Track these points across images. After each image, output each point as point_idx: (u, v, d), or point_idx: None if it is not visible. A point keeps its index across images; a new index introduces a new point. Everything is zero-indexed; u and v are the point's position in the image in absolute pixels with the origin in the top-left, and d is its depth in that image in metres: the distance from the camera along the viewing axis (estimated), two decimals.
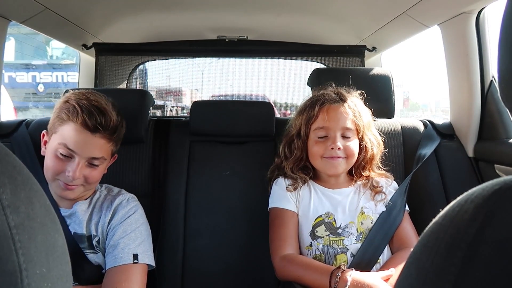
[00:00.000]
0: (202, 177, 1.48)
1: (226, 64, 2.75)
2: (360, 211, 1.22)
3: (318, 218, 1.21)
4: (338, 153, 1.19)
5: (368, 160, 1.27)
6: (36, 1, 1.32)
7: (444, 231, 0.34)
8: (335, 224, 1.20)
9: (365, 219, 1.21)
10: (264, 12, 1.74)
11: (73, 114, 1.04)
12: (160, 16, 1.79)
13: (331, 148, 1.19)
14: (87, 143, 1.04)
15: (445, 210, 0.36)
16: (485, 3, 1.34)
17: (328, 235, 1.18)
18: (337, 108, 1.23)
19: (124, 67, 2.28)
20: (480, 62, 1.45)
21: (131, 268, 1.04)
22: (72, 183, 1.05)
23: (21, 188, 0.36)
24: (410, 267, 0.37)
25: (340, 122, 1.21)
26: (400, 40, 1.87)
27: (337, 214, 1.21)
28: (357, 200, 1.24)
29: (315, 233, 1.19)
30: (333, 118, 1.21)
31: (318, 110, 1.23)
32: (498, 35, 0.44)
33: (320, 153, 1.22)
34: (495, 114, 1.44)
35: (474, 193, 0.34)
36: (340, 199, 1.24)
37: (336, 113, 1.22)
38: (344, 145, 1.20)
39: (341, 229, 1.19)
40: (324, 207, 1.22)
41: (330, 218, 1.20)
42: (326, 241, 1.17)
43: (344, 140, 1.21)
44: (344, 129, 1.21)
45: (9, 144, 1.35)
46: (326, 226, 1.19)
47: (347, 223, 1.19)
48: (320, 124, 1.22)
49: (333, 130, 1.21)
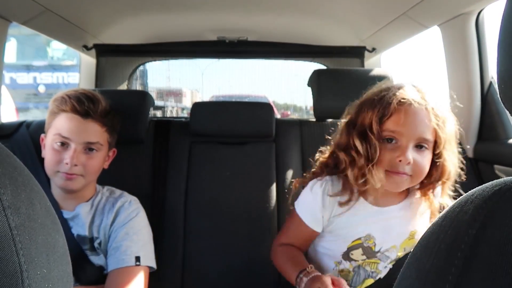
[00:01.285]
0: (202, 178, 1.48)
1: (226, 65, 2.76)
2: (409, 236, 1.02)
3: (356, 240, 1.01)
4: (405, 169, 0.93)
5: (442, 182, 1.00)
6: (37, 2, 1.32)
7: (444, 232, 0.34)
8: (374, 249, 1.02)
9: (409, 245, 1.02)
10: (264, 13, 1.74)
11: (62, 103, 1.08)
12: (161, 17, 1.79)
13: (398, 160, 0.93)
14: (80, 128, 1.07)
15: (445, 211, 0.36)
16: (485, 4, 1.34)
17: (364, 260, 1.02)
18: (418, 112, 0.94)
19: (125, 68, 2.28)
20: (480, 63, 1.45)
21: (134, 270, 1.05)
22: (71, 171, 1.05)
23: (21, 189, 0.36)
24: (410, 268, 0.37)
25: (418, 129, 0.93)
26: (400, 41, 1.87)
27: (378, 238, 1.01)
28: (407, 220, 1.02)
29: (349, 255, 1.03)
30: (410, 123, 0.93)
31: (393, 109, 0.94)
32: (498, 36, 0.44)
33: (384, 164, 0.94)
34: (494, 115, 1.44)
35: (474, 194, 0.34)
36: (386, 220, 1.02)
37: (415, 118, 0.93)
38: (414, 158, 0.93)
39: (380, 253, 1.02)
40: (365, 229, 1.01)
41: (370, 242, 1.01)
42: (359, 262, 1.03)
43: (416, 153, 0.94)
44: (420, 139, 0.94)
45: (10, 145, 1.35)
46: (364, 250, 1.02)
47: (388, 247, 1.02)
48: (391, 127, 0.94)
49: (407, 138, 0.93)
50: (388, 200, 1.02)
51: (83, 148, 1.08)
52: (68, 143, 1.07)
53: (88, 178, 1.10)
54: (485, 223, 0.31)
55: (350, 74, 1.41)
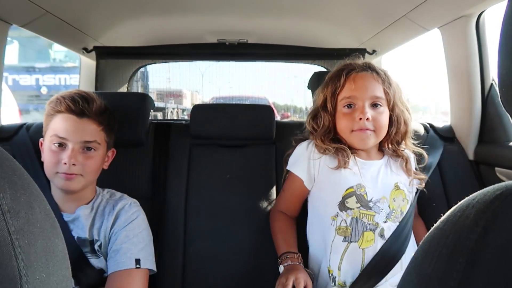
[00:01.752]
0: (202, 180, 1.48)
1: (226, 66, 2.76)
2: (395, 187, 1.16)
3: (349, 189, 1.13)
4: (366, 125, 1.11)
5: (402, 133, 1.19)
6: (37, 5, 1.32)
7: (445, 236, 0.34)
8: (366, 197, 1.13)
9: (397, 195, 1.15)
10: (264, 15, 1.74)
11: (57, 104, 1.09)
12: (161, 19, 1.79)
13: (359, 119, 1.10)
14: (76, 127, 1.08)
15: (446, 215, 0.36)
16: (485, 6, 1.34)
17: (358, 208, 1.11)
18: (365, 76, 1.14)
19: (125, 71, 2.29)
20: (480, 65, 1.45)
21: (133, 272, 1.05)
22: (70, 171, 1.05)
23: (21, 193, 0.36)
24: (411, 272, 0.36)
25: (368, 90, 1.12)
26: (400, 43, 1.87)
27: (368, 187, 1.14)
28: (389, 174, 1.18)
29: (345, 204, 1.12)
30: (360, 87, 1.12)
31: (344, 80, 1.14)
32: (498, 39, 0.44)
33: (349, 127, 1.13)
34: (495, 117, 1.44)
35: (476, 198, 0.34)
36: (372, 171, 1.17)
37: (364, 81, 1.13)
38: (372, 115, 1.11)
39: (372, 203, 1.12)
40: (355, 179, 1.14)
41: (362, 190, 1.13)
42: (356, 213, 1.11)
43: (373, 110, 1.12)
44: (373, 98, 1.13)
45: (9, 148, 1.34)
46: (358, 198, 1.12)
47: (379, 197, 1.13)
48: (346, 94, 1.14)
49: (361, 99, 1.12)
50: (371, 157, 1.19)
51: (80, 147, 1.08)
52: (65, 144, 1.07)
53: (88, 178, 1.10)
54: (486, 227, 0.31)
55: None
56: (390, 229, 1.12)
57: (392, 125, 1.17)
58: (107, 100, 1.17)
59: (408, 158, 1.21)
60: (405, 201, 1.16)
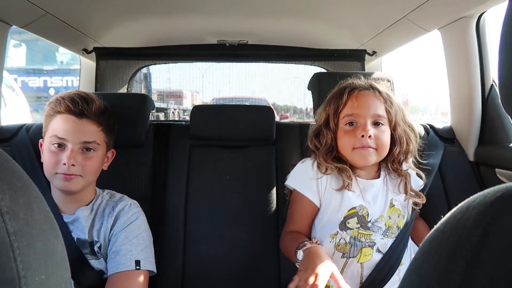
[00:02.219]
0: (202, 182, 1.47)
1: (226, 67, 2.75)
2: (390, 204, 1.17)
3: (351, 209, 1.14)
4: (368, 142, 1.11)
5: (404, 153, 1.19)
6: (37, 6, 1.32)
7: (446, 238, 0.34)
8: (367, 218, 1.14)
9: (393, 213, 1.17)
10: (264, 16, 1.74)
11: (56, 105, 1.09)
12: (161, 20, 1.79)
13: (361, 136, 1.11)
14: (75, 128, 1.08)
15: (446, 216, 0.36)
16: (486, 8, 1.34)
17: (358, 228, 1.13)
18: (367, 94, 1.16)
19: (125, 72, 2.29)
20: (481, 66, 1.45)
21: (133, 274, 1.04)
22: (69, 171, 1.05)
23: (20, 194, 0.36)
24: (412, 274, 0.36)
25: (370, 108, 1.14)
26: (400, 44, 1.87)
27: (370, 208, 1.15)
28: (386, 192, 1.19)
29: (346, 224, 1.14)
30: (363, 105, 1.14)
31: (347, 98, 1.16)
32: (499, 40, 0.44)
33: (351, 145, 1.13)
34: (495, 118, 1.44)
35: (476, 200, 0.34)
36: (373, 192, 1.18)
37: (367, 99, 1.15)
38: (374, 133, 1.12)
39: (371, 223, 1.14)
40: (358, 199, 1.15)
41: (364, 211, 1.14)
42: (355, 233, 1.13)
43: (375, 129, 1.13)
44: (375, 116, 1.14)
45: (9, 149, 1.34)
46: (359, 219, 1.13)
47: (377, 217, 1.14)
48: (349, 111, 1.15)
49: (363, 117, 1.13)
50: (371, 176, 1.20)
51: (80, 148, 1.08)
52: (65, 144, 1.07)
53: (87, 178, 1.10)
54: (487, 229, 0.31)
55: (351, 78, 1.41)
56: (387, 244, 1.14)
57: (395, 144, 1.17)
58: (107, 101, 1.17)
59: (408, 178, 1.21)
60: (400, 216, 1.18)
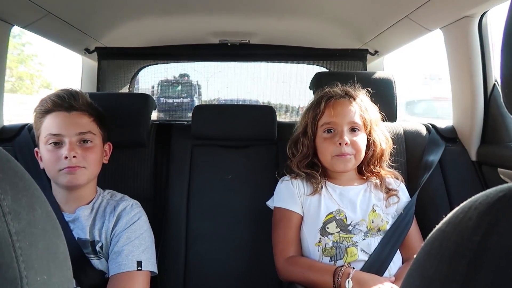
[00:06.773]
0: (204, 181, 1.47)
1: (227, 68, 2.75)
2: (372, 209, 1.21)
3: (329, 215, 1.19)
4: (346, 150, 1.18)
5: (378, 156, 1.27)
6: (39, 6, 1.32)
7: (448, 238, 0.33)
8: (346, 221, 1.19)
9: (376, 217, 1.21)
10: (266, 16, 1.74)
11: (44, 104, 1.10)
12: (162, 20, 1.79)
13: (339, 143, 1.18)
14: (67, 122, 1.09)
15: (448, 216, 0.36)
16: (488, 7, 1.33)
17: (338, 232, 1.17)
18: (343, 103, 1.23)
19: (126, 71, 2.29)
20: (483, 66, 1.44)
21: (135, 275, 1.05)
22: (72, 163, 1.06)
23: (22, 194, 0.36)
24: (413, 275, 0.36)
25: (346, 116, 1.21)
26: (403, 43, 1.87)
27: (348, 211, 1.20)
28: (368, 198, 1.24)
29: (325, 229, 1.18)
30: (339, 113, 1.21)
31: (324, 106, 1.23)
32: (501, 39, 0.44)
33: (330, 152, 1.21)
34: (498, 118, 1.44)
35: (478, 200, 0.34)
36: (351, 196, 1.23)
37: (343, 108, 1.22)
38: (351, 139, 1.19)
39: (352, 226, 1.18)
40: (334, 204, 1.21)
41: (341, 215, 1.19)
42: (336, 237, 1.17)
43: (351, 135, 1.20)
44: (351, 123, 1.21)
45: (12, 148, 1.35)
46: (337, 223, 1.18)
47: (358, 220, 1.19)
48: (326, 120, 1.22)
49: (340, 124, 1.20)
50: (350, 181, 1.27)
51: (77, 140, 1.09)
52: (61, 140, 1.08)
53: (91, 169, 1.11)
54: (489, 230, 0.31)
55: (352, 77, 1.41)
56: (370, 244, 1.17)
57: (369, 148, 1.25)
58: (109, 101, 1.18)
59: (389, 185, 1.28)
60: (384, 221, 1.21)
